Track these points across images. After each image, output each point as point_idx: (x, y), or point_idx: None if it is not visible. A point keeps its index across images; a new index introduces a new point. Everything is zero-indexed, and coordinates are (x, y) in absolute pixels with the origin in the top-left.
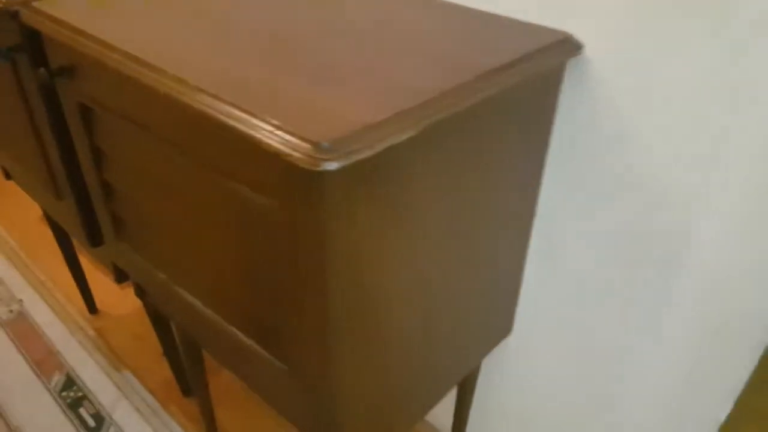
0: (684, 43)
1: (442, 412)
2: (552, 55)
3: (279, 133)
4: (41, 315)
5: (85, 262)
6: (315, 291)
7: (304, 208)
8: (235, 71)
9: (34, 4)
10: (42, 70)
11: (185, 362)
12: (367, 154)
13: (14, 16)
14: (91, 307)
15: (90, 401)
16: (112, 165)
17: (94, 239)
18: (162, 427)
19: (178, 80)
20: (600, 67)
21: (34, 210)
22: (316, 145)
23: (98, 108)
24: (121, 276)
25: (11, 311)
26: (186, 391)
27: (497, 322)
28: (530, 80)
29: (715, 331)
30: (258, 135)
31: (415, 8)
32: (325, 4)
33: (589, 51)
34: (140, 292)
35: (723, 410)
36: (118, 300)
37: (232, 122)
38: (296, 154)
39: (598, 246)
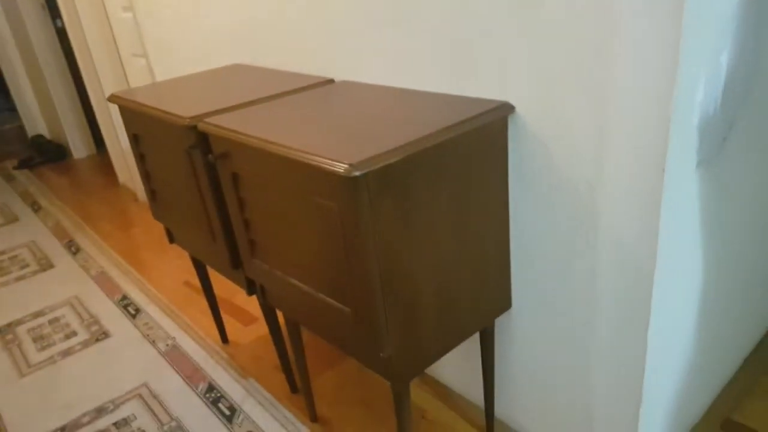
0: (569, 103)
1: (474, 387)
2: (494, 113)
3: (335, 162)
4: (188, 346)
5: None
6: (361, 259)
7: (348, 203)
8: (314, 140)
9: (206, 119)
10: (210, 156)
11: (290, 345)
12: (373, 168)
13: (193, 127)
14: (224, 338)
15: (226, 399)
16: (249, 207)
17: (235, 264)
18: (277, 413)
19: (279, 144)
20: (526, 119)
21: (179, 277)
22: (350, 164)
23: (243, 172)
24: (251, 289)
25: (167, 345)
26: (293, 390)
27: (495, 296)
28: (482, 128)
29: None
30: (325, 165)
31: (406, 96)
32: (344, 103)
33: (519, 110)
34: (263, 297)
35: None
36: (242, 334)
37: (314, 161)
38: (339, 170)
39: (546, 233)
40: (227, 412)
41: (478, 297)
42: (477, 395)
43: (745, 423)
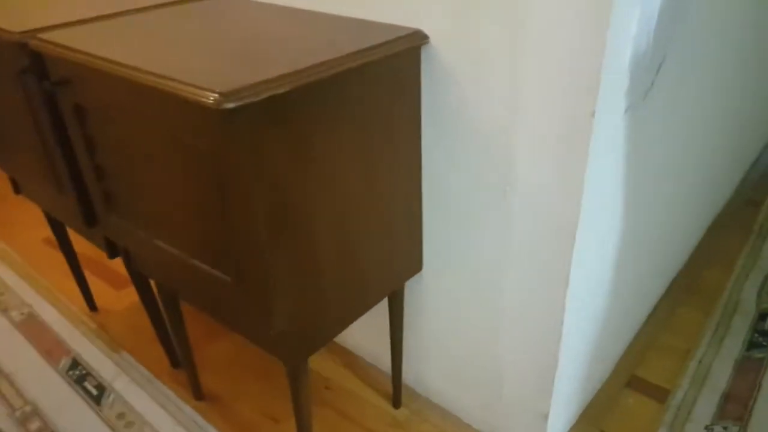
0: (484, 32)
1: (382, 352)
2: (404, 42)
3: (202, 91)
4: (48, 315)
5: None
6: (243, 210)
7: (221, 142)
8: (181, 64)
9: (40, 35)
10: (46, 82)
11: (166, 316)
12: (253, 99)
13: (24, 45)
14: (92, 305)
15: (93, 376)
16: (101, 150)
17: (90, 220)
18: (155, 392)
19: (135, 68)
20: (440, 51)
21: (37, 233)
22: (221, 93)
23: (89, 104)
24: (112, 252)
25: (22, 314)
26: (175, 364)
27: (406, 257)
28: (390, 58)
29: (543, 228)
30: (188, 95)
31: (302, 17)
32: (226, 21)
33: (433, 40)
34: (127, 261)
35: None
36: (114, 300)
37: (175, 90)
38: (208, 101)
39: (462, 185)
40: (95, 392)
41: (388, 257)
42: (384, 361)
43: (649, 379)
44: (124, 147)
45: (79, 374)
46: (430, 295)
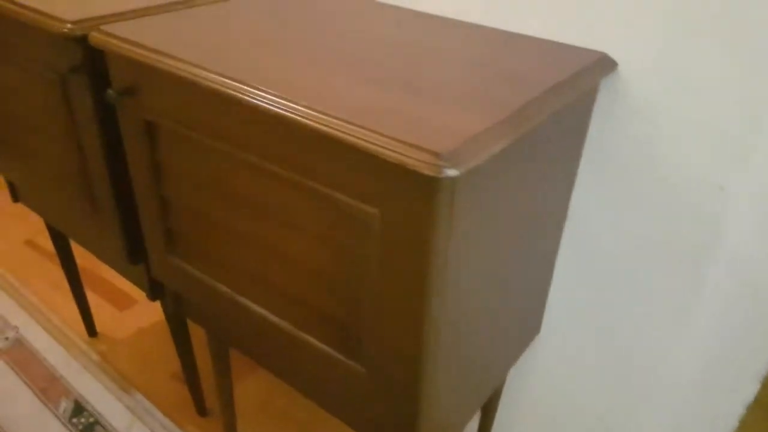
0: (706, 61)
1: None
2: (595, 72)
3: (398, 146)
4: (39, 341)
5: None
6: (412, 297)
7: (411, 213)
8: (337, 90)
9: (104, 27)
10: (110, 91)
11: (215, 376)
12: (477, 161)
13: (81, 39)
14: (91, 330)
15: (102, 426)
16: (174, 180)
17: (135, 257)
18: None
19: (287, 100)
20: (630, 81)
21: (19, 234)
22: (436, 154)
23: (168, 124)
24: (155, 293)
25: (7, 338)
26: (202, 411)
27: (530, 321)
28: (584, 94)
29: (743, 323)
30: (379, 148)
31: (468, 34)
32: (393, 37)
33: (621, 67)
34: (176, 306)
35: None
36: (118, 323)
37: (350, 138)
38: (419, 164)
39: (626, 245)
40: None
41: (521, 322)
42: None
43: None
44: (212, 182)
45: (85, 423)
46: (542, 363)
